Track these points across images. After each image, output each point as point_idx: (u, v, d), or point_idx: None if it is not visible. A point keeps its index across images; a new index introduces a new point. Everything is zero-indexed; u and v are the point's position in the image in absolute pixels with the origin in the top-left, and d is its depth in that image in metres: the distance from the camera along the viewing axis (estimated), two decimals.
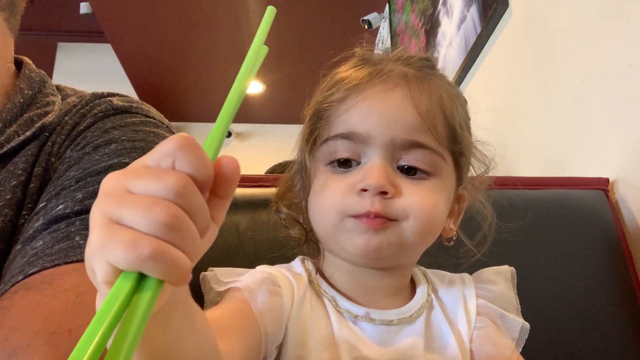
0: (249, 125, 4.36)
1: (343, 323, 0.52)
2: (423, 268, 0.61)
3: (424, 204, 0.50)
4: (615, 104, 0.92)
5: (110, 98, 0.63)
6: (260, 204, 0.77)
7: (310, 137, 0.55)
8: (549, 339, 0.75)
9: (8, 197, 0.54)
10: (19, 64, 0.65)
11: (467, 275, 0.60)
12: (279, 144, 3.97)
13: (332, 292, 0.54)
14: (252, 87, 3.79)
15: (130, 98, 0.66)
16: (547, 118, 1.17)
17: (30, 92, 0.62)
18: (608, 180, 0.90)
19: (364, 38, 0.62)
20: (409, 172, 0.51)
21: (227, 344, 0.40)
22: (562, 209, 0.85)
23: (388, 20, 2.70)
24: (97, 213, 0.26)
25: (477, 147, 0.58)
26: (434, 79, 0.55)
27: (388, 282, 0.55)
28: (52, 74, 3.74)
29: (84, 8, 3.15)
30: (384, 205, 0.48)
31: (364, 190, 0.49)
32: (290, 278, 0.54)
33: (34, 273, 0.46)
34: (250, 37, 0.30)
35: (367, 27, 2.61)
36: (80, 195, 0.51)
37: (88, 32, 3.63)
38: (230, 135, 4.29)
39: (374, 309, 0.53)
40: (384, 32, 2.79)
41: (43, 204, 0.52)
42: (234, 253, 0.74)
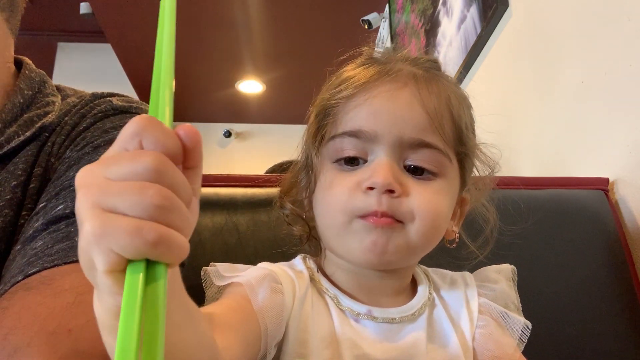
0: (249, 125, 4.36)
1: (345, 321, 0.52)
2: (424, 267, 0.61)
3: (431, 205, 0.50)
4: (615, 104, 0.92)
5: (110, 98, 0.63)
6: (260, 204, 0.77)
7: (317, 134, 0.55)
8: (549, 338, 0.75)
9: (8, 197, 0.54)
10: (19, 64, 0.65)
11: (468, 274, 0.60)
12: (279, 144, 3.97)
13: (334, 290, 0.54)
14: (252, 87, 3.79)
15: (130, 98, 0.66)
16: (547, 118, 1.17)
17: (30, 92, 0.62)
18: (608, 180, 0.90)
19: (364, 38, 0.62)
20: (416, 171, 0.51)
21: (225, 340, 0.40)
22: (562, 209, 0.85)
23: (388, 20, 2.70)
24: (85, 204, 0.25)
25: (481, 149, 0.59)
26: (442, 80, 0.55)
27: (390, 282, 0.55)
28: (52, 74, 3.73)
29: (84, 8, 3.15)
30: (391, 204, 0.48)
31: (371, 189, 0.49)
32: (292, 275, 0.53)
33: (34, 273, 0.46)
34: (250, 37, 0.29)
35: (367, 27, 2.60)
36: None
37: (88, 32, 3.63)
38: (230, 135, 4.29)
39: (376, 307, 0.53)
40: (384, 32, 2.79)
41: (43, 204, 0.52)
42: (234, 253, 0.74)
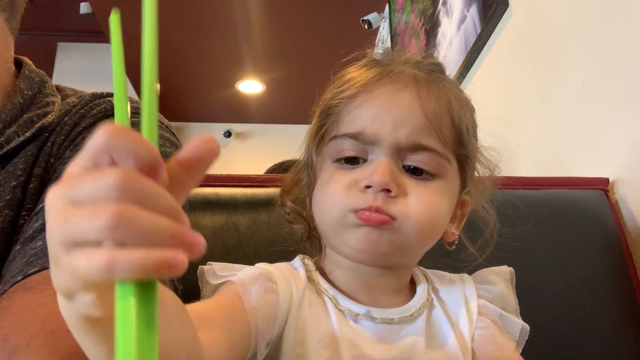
0: (249, 125, 4.36)
1: (344, 321, 0.52)
2: (423, 268, 0.61)
3: (427, 205, 0.50)
4: (615, 104, 0.92)
5: (110, 98, 0.63)
6: (260, 204, 0.77)
7: (318, 133, 0.56)
8: (549, 339, 0.74)
9: (8, 197, 0.54)
10: (19, 64, 0.65)
11: (466, 276, 0.61)
12: (279, 144, 3.97)
13: (332, 290, 0.54)
14: (252, 87, 3.79)
15: (130, 98, 0.66)
16: (547, 118, 1.17)
17: (30, 92, 0.62)
18: (608, 180, 0.90)
19: (365, 38, 0.62)
20: (415, 172, 0.51)
21: (210, 336, 0.40)
22: (562, 209, 0.85)
23: (388, 20, 2.70)
24: (53, 242, 0.24)
25: (482, 152, 0.59)
26: (444, 83, 0.56)
27: (388, 280, 0.55)
28: (52, 74, 3.73)
29: (84, 8, 3.15)
30: (386, 203, 0.49)
31: (368, 187, 0.49)
32: (289, 276, 0.54)
33: (34, 273, 0.46)
34: (250, 37, 0.29)
35: (367, 27, 2.61)
36: None
37: (88, 32, 3.63)
38: (230, 135, 4.29)
39: (375, 308, 0.53)
40: (384, 32, 2.79)
41: (42, 205, 0.52)
42: (234, 253, 0.74)
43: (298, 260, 0.58)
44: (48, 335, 0.41)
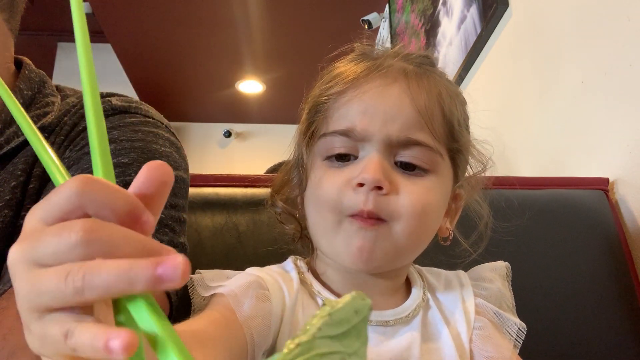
0: (249, 125, 4.36)
1: None
2: (418, 266, 0.60)
3: (420, 202, 0.49)
4: (615, 104, 0.92)
5: (109, 98, 0.63)
6: (260, 204, 0.77)
7: (308, 130, 0.55)
8: (548, 339, 0.74)
9: (7, 197, 0.54)
10: (19, 64, 0.65)
11: (462, 273, 0.60)
12: (279, 144, 3.95)
13: (325, 293, 0.53)
14: (252, 87, 3.79)
15: (130, 98, 0.66)
16: (547, 118, 1.17)
17: (30, 92, 0.62)
18: (608, 180, 0.90)
19: (365, 36, 0.61)
20: (407, 167, 0.50)
21: (206, 355, 0.39)
22: (562, 209, 0.85)
23: (388, 20, 2.70)
24: (22, 308, 0.24)
25: (475, 145, 0.58)
26: (434, 76, 0.54)
27: (382, 281, 0.54)
28: (52, 74, 3.73)
29: (84, 8, 3.13)
30: (378, 203, 0.48)
31: (360, 185, 0.48)
32: (280, 282, 0.53)
33: None
34: (250, 37, 0.29)
35: (367, 27, 2.60)
36: None
37: (88, 32, 3.63)
38: (230, 135, 4.29)
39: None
40: (384, 32, 2.79)
41: None
42: (234, 253, 0.74)
43: (290, 262, 0.58)
44: None
